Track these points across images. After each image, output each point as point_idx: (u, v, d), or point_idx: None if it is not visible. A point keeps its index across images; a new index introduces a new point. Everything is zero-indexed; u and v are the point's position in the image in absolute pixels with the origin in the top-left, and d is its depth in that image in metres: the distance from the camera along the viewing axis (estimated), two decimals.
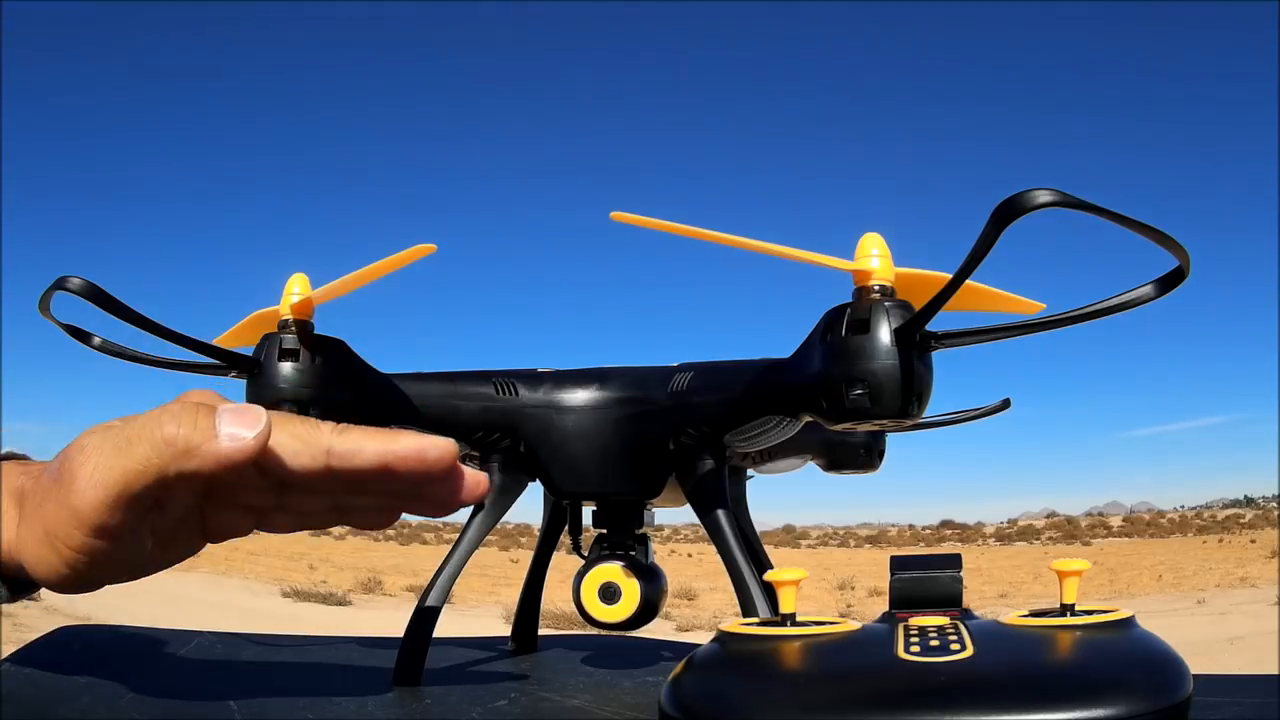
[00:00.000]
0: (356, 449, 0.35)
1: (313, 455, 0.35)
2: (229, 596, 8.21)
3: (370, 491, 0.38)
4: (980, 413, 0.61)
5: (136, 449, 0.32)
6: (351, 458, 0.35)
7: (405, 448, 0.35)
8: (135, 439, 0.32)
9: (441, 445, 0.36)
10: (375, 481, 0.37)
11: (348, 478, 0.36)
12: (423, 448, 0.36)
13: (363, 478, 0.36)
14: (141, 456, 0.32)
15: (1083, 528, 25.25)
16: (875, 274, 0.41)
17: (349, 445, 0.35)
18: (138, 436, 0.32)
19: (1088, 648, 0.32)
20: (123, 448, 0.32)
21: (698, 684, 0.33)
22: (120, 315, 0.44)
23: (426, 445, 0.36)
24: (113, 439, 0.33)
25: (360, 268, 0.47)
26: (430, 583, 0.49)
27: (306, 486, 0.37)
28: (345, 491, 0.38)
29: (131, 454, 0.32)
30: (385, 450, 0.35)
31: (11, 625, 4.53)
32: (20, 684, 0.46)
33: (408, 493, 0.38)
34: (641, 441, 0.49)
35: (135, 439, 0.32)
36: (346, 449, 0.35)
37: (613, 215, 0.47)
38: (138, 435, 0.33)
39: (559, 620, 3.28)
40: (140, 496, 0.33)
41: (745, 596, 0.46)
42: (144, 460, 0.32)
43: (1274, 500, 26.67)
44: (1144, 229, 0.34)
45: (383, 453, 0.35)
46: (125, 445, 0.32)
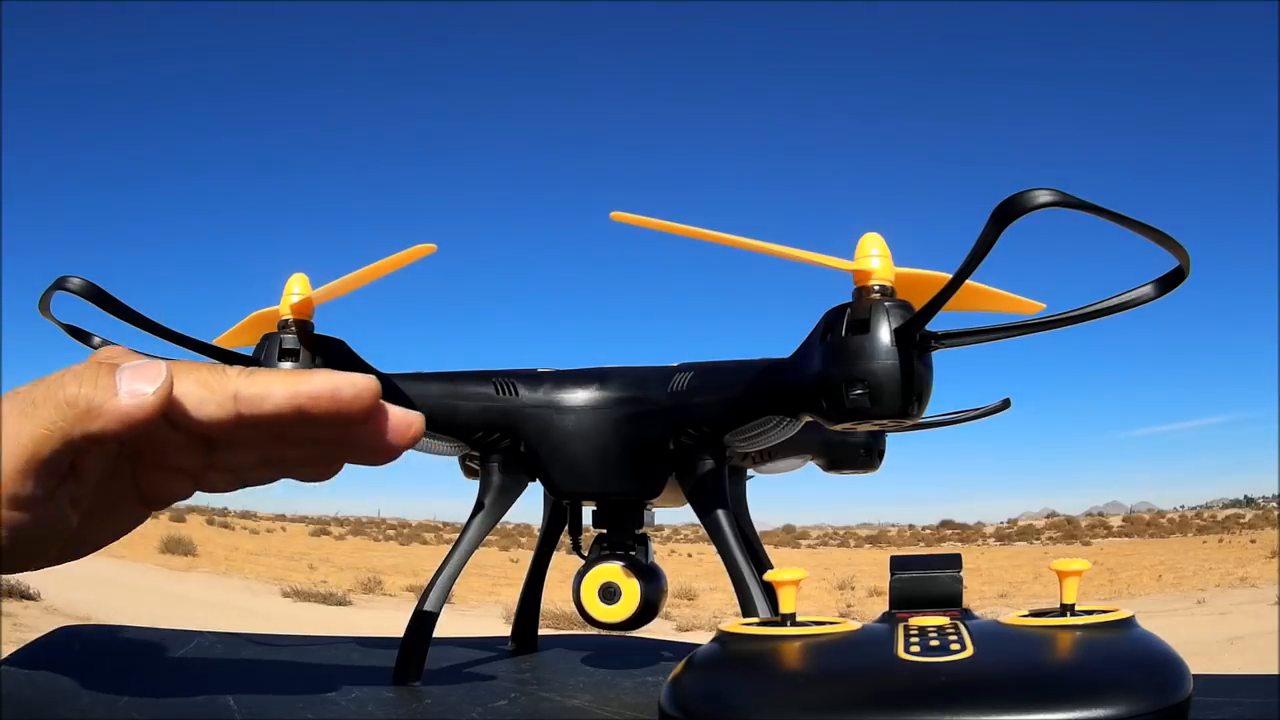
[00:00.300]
0: (264, 392, 0.34)
1: (219, 402, 0.33)
2: (229, 596, 8.21)
3: (295, 440, 0.36)
4: (980, 413, 0.61)
5: (41, 412, 0.31)
6: (260, 402, 0.33)
7: (316, 386, 0.34)
8: (39, 402, 0.31)
9: (357, 382, 0.34)
10: (294, 428, 0.35)
11: (262, 424, 0.34)
12: (336, 386, 0.34)
13: (278, 423, 0.34)
14: (45, 420, 0.31)
15: (1083, 528, 25.25)
16: (875, 274, 0.41)
17: (256, 389, 0.34)
18: (42, 399, 0.31)
19: (1088, 648, 0.32)
20: (28, 411, 0.31)
21: (698, 684, 0.33)
22: (120, 315, 0.44)
23: (340, 383, 0.34)
24: (18, 404, 0.31)
25: (360, 268, 0.47)
26: (430, 583, 0.49)
27: (227, 439, 0.36)
28: (271, 442, 0.36)
29: (36, 418, 0.31)
30: (294, 391, 0.34)
31: (11, 625, 4.53)
32: (20, 684, 0.46)
33: (333, 438, 0.36)
34: (641, 441, 0.49)
35: (39, 402, 0.31)
36: (253, 392, 0.33)
37: (613, 215, 0.47)
38: (42, 398, 0.31)
39: (559, 620, 3.28)
40: (49, 462, 0.31)
41: (745, 596, 0.46)
42: (48, 424, 0.31)
43: (1274, 500, 26.68)
44: (1144, 229, 0.34)
45: (292, 394, 0.34)
46: (30, 409, 0.31)
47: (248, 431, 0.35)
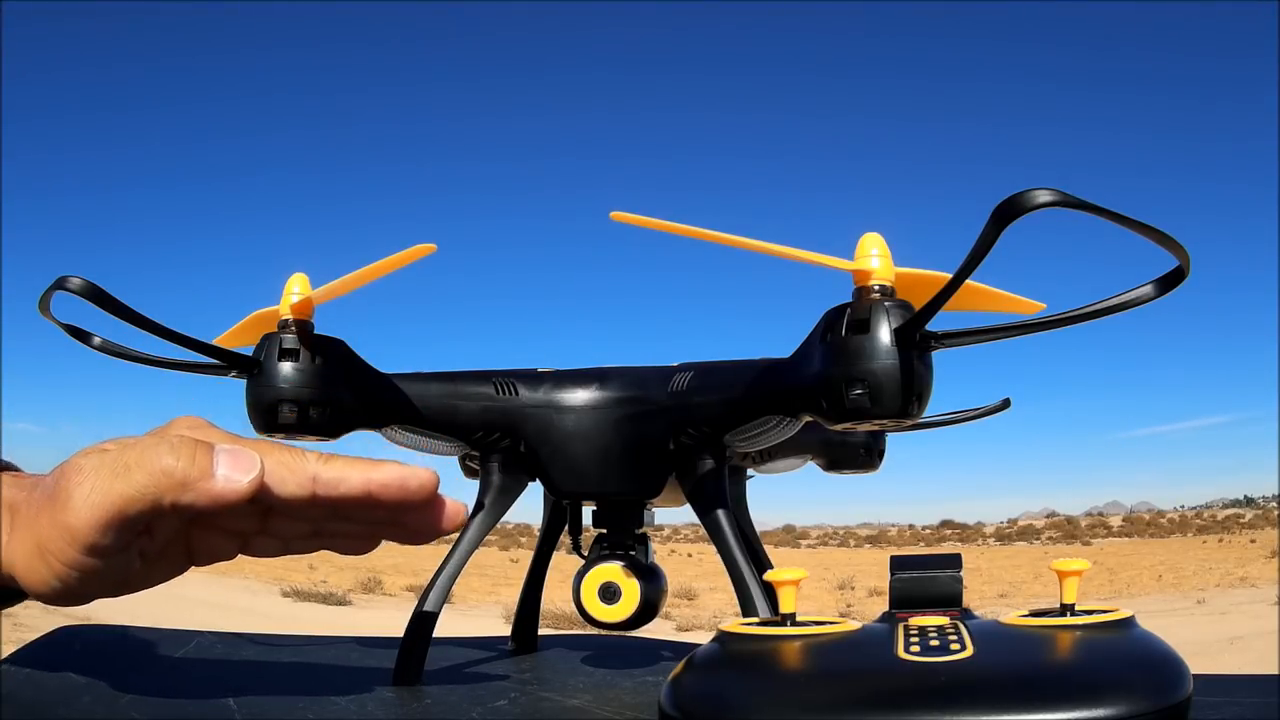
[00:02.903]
0: (341, 477, 0.37)
1: (299, 483, 0.36)
2: (229, 596, 8.21)
3: (353, 518, 0.39)
4: (980, 413, 0.61)
5: (134, 476, 0.34)
6: (336, 485, 0.37)
7: (388, 476, 0.37)
8: (134, 466, 0.34)
9: (422, 476, 0.37)
10: (358, 509, 0.38)
11: (332, 505, 0.37)
12: (404, 477, 0.37)
13: (346, 505, 0.37)
14: (138, 484, 0.34)
15: (1083, 528, 25.25)
16: (875, 274, 0.41)
17: (334, 474, 0.37)
18: (136, 464, 0.34)
19: (1088, 648, 0.32)
20: (120, 473, 0.34)
21: (698, 684, 0.33)
22: (120, 315, 0.44)
23: (407, 475, 0.37)
24: (110, 463, 0.34)
25: (360, 268, 0.47)
26: (430, 583, 0.49)
27: (292, 513, 0.38)
28: (328, 518, 0.39)
29: (129, 480, 0.33)
30: (368, 479, 0.37)
31: (11, 625, 4.51)
32: (20, 684, 0.46)
33: (389, 520, 0.39)
34: (641, 441, 0.49)
35: (134, 466, 0.34)
36: (331, 477, 0.37)
37: (613, 215, 0.47)
38: (136, 463, 0.34)
39: (559, 620, 3.28)
40: (133, 520, 0.34)
41: (745, 596, 0.46)
42: (140, 488, 0.33)
43: (1274, 500, 26.67)
44: (1144, 229, 0.34)
45: (366, 481, 0.37)
46: (123, 471, 0.34)
47: (314, 508, 0.38)
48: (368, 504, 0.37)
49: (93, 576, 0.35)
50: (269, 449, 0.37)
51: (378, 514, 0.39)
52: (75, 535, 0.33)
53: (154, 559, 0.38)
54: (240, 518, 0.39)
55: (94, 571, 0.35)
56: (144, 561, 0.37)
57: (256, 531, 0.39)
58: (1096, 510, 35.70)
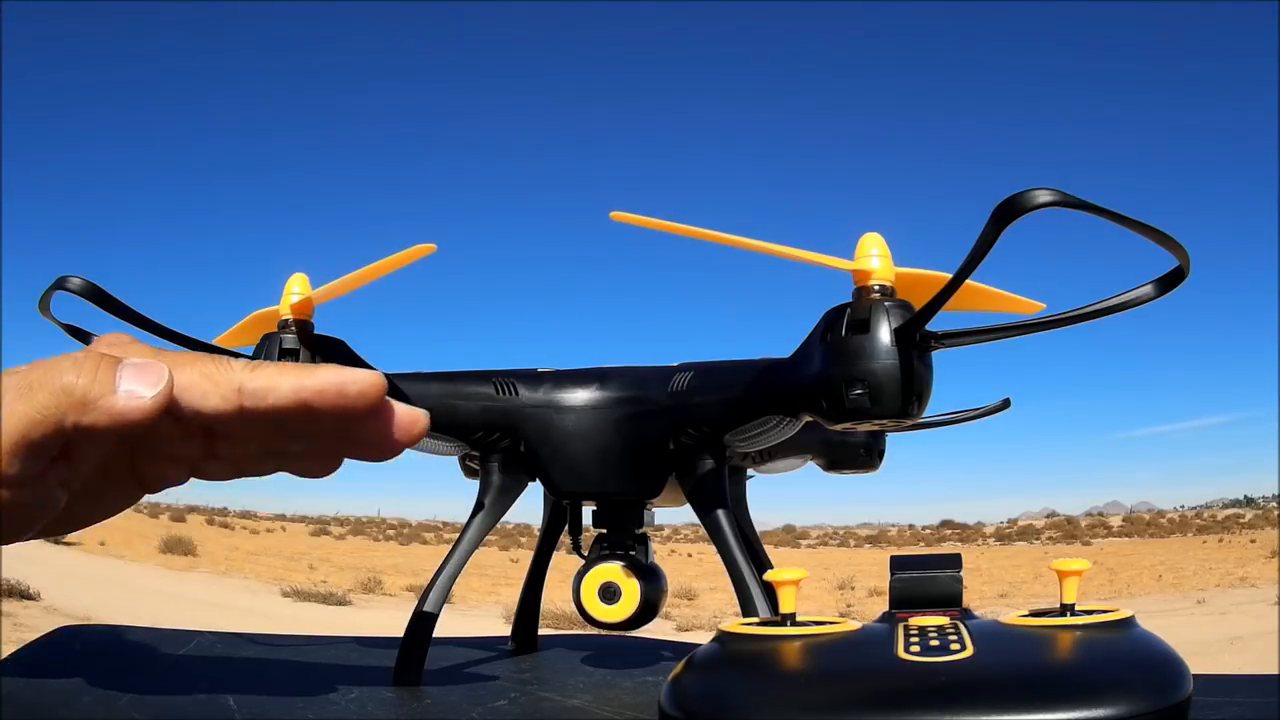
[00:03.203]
0: (270, 386, 0.33)
1: (223, 395, 0.33)
2: (229, 596, 8.21)
3: (298, 434, 0.36)
4: (980, 413, 0.61)
5: (36, 395, 0.31)
6: (265, 395, 0.33)
7: (322, 382, 0.33)
8: (35, 385, 0.31)
9: (363, 378, 0.34)
10: (298, 422, 0.35)
11: (265, 418, 0.34)
12: (342, 382, 0.33)
13: (281, 417, 0.34)
14: (39, 404, 0.31)
15: (1083, 528, 25.25)
16: (875, 274, 0.41)
17: (261, 382, 0.33)
18: (39, 383, 0.31)
19: (1088, 648, 0.32)
20: (23, 393, 0.31)
21: (698, 684, 0.33)
22: (120, 315, 0.44)
23: (346, 379, 0.34)
24: (17, 384, 0.31)
25: (360, 268, 0.47)
26: (430, 583, 0.49)
27: (228, 431, 0.35)
28: (273, 435, 0.36)
29: (30, 400, 0.31)
30: (300, 385, 0.33)
31: (11, 625, 4.53)
32: (20, 684, 0.46)
33: (338, 433, 0.36)
34: (641, 441, 0.49)
35: (35, 385, 0.31)
36: (258, 386, 0.33)
37: (612, 215, 0.47)
38: (39, 382, 0.31)
39: (559, 620, 3.28)
40: (38, 445, 0.31)
41: (745, 596, 0.46)
42: (41, 408, 0.31)
43: (1274, 500, 26.67)
44: (1144, 229, 0.34)
45: (298, 388, 0.33)
46: (26, 390, 0.31)
47: (250, 424, 0.34)
48: (306, 415, 0.34)
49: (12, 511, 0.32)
50: (189, 359, 0.33)
51: (323, 427, 0.35)
52: None
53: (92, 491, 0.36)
54: (178, 441, 0.36)
55: (11, 505, 0.32)
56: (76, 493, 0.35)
57: (202, 456, 0.36)
58: (1096, 510, 35.72)
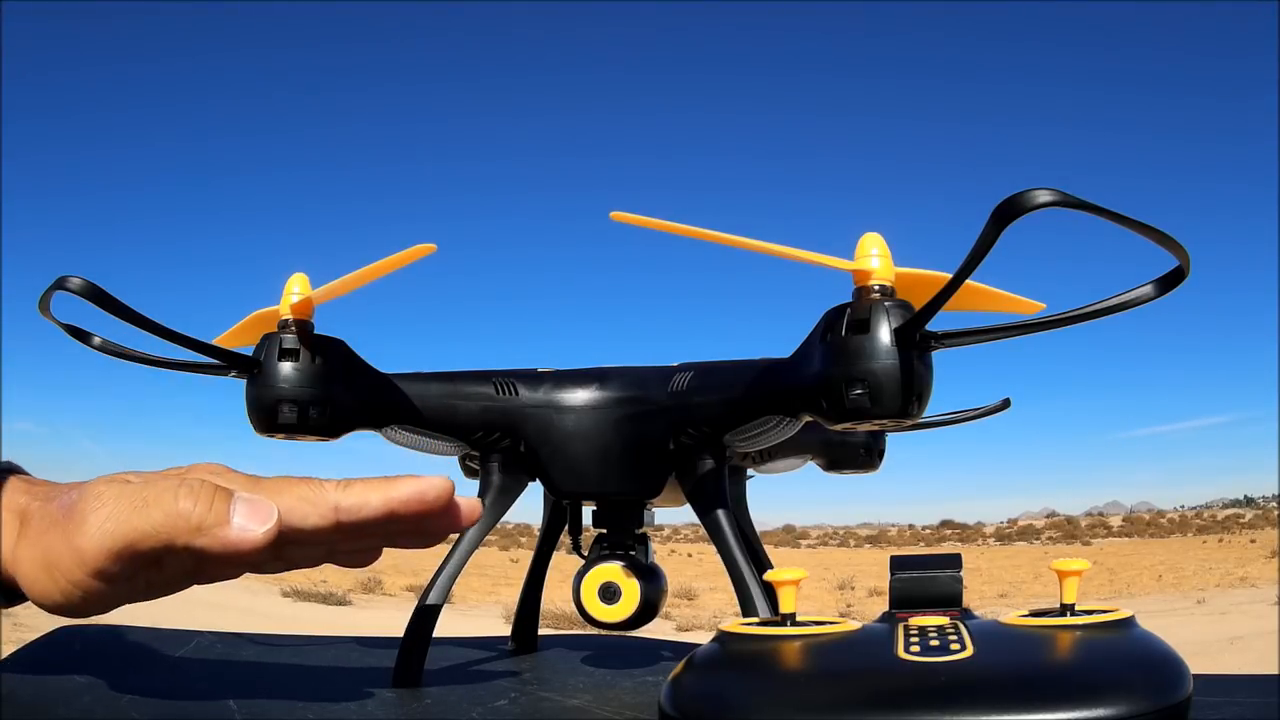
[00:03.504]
0: (362, 502, 0.37)
1: (321, 514, 0.36)
2: (229, 596, 8.20)
3: (369, 535, 0.39)
4: (980, 413, 0.61)
5: (151, 513, 0.34)
6: (358, 510, 0.37)
7: (408, 493, 0.37)
8: (152, 503, 0.34)
9: (439, 485, 0.38)
10: (378, 527, 0.38)
11: (354, 530, 0.37)
12: (422, 490, 0.37)
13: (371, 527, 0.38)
14: (154, 521, 0.34)
15: (1083, 528, 25.25)
16: (875, 274, 0.41)
17: (355, 499, 0.37)
18: (154, 501, 0.34)
19: (1088, 648, 0.32)
20: (138, 507, 0.34)
21: (698, 684, 0.33)
22: (120, 315, 0.44)
23: (425, 487, 0.37)
24: (130, 496, 0.35)
25: (360, 268, 0.47)
26: (430, 583, 0.49)
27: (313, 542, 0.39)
28: (344, 540, 0.39)
29: (145, 516, 0.34)
30: (388, 498, 0.37)
31: (11, 625, 4.51)
32: (20, 684, 0.46)
33: (406, 530, 0.39)
34: (641, 441, 0.49)
35: (152, 503, 0.34)
36: (353, 503, 0.37)
37: (612, 215, 0.47)
38: (154, 500, 0.34)
39: (559, 620, 3.28)
40: (143, 555, 0.35)
41: (745, 596, 0.46)
42: (155, 526, 0.34)
43: (1274, 500, 26.67)
44: (1144, 229, 0.34)
45: (386, 500, 0.37)
46: (141, 506, 0.34)
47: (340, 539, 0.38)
48: (388, 521, 0.38)
49: (95, 597, 0.35)
50: (288, 486, 0.37)
51: (396, 529, 0.39)
52: (84, 559, 0.34)
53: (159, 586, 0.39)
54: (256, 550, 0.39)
55: (97, 593, 0.35)
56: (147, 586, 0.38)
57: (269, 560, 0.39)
58: (1096, 510, 35.71)
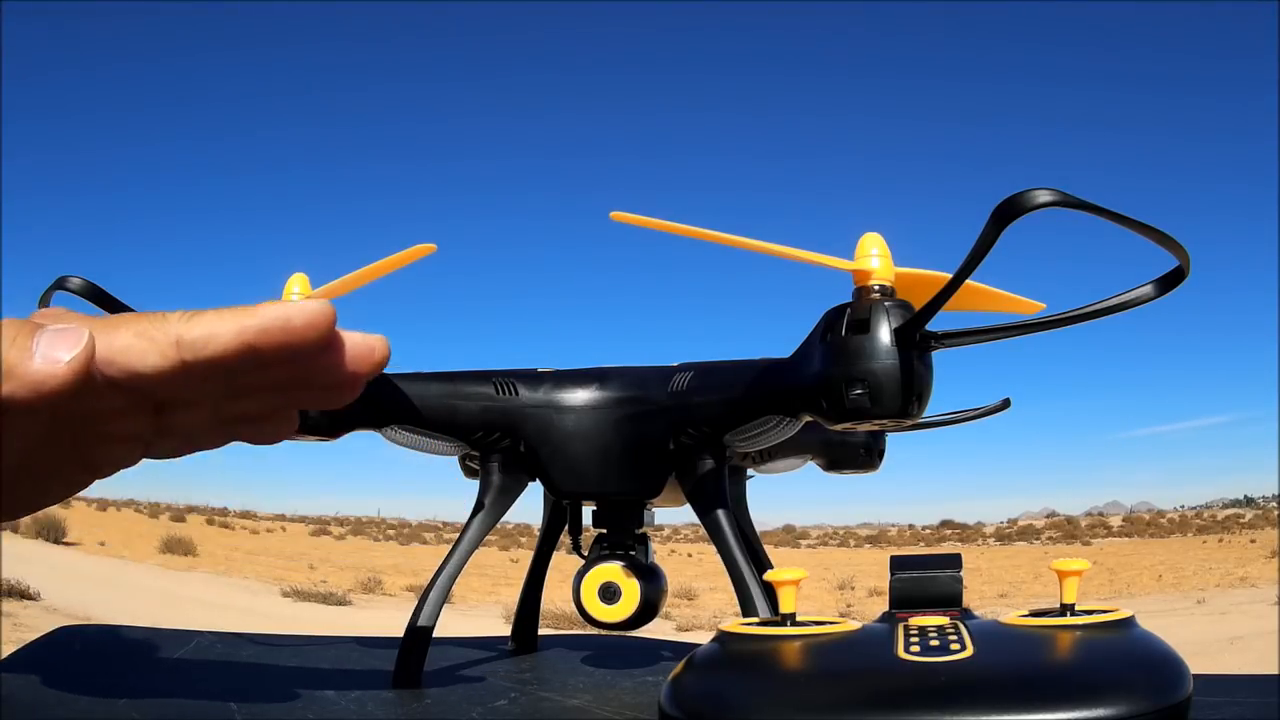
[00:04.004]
0: (209, 332, 0.31)
1: (161, 351, 0.31)
2: (229, 596, 8.21)
3: (248, 389, 0.34)
4: (980, 413, 0.61)
5: None
6: (206, 343, 0.31)
7: (265, 319, 0.31)
8: None
9: (308, 307, 0.31)
10: (246, 372, 0.32)
11: (210, 371, 0.31)
12: (286, 315, 0.31)
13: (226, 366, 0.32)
14: None
15: (1083, 528, 25.26)
16: (875, 274, 0.41)
17: (200, 330, 0.31)
18: None
19: (1088, 648, 0.32)
20: None
21: (698, 684, 0.33)
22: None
23: (291, 311, 0.31)
24: None
25: (360, 268, 0.47)
26: (430, 583, 0.49)
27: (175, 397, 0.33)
28: (223, 396, 0.34)
29: None
30: (242, 327, 0.31)
31: (11, 625, 4.53)
32: (20, 684, 0.46)
33: (290, 380, 0.34)
34: (641, 441, 0.49)
35: None
36: (197, 335, 0.31)
37: (612, 215, 0.47)
38: None
39: (559, 620, 3.29)
40: None
41: (745, 596, 0.46)
42: None
43: (1274, 500, 26.68)
44: (1144, 229, 0.34)
45: (240, 329, 0.31)
46: None
47: (196, 383, 0.32)
48: (253, 361, 0.31)
49: None
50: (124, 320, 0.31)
51: (273, 374, 0.33)
52: None
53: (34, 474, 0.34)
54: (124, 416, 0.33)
55: None
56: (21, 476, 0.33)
57: (152, 431, 0.34)
58: (1096, 510, 35.72)
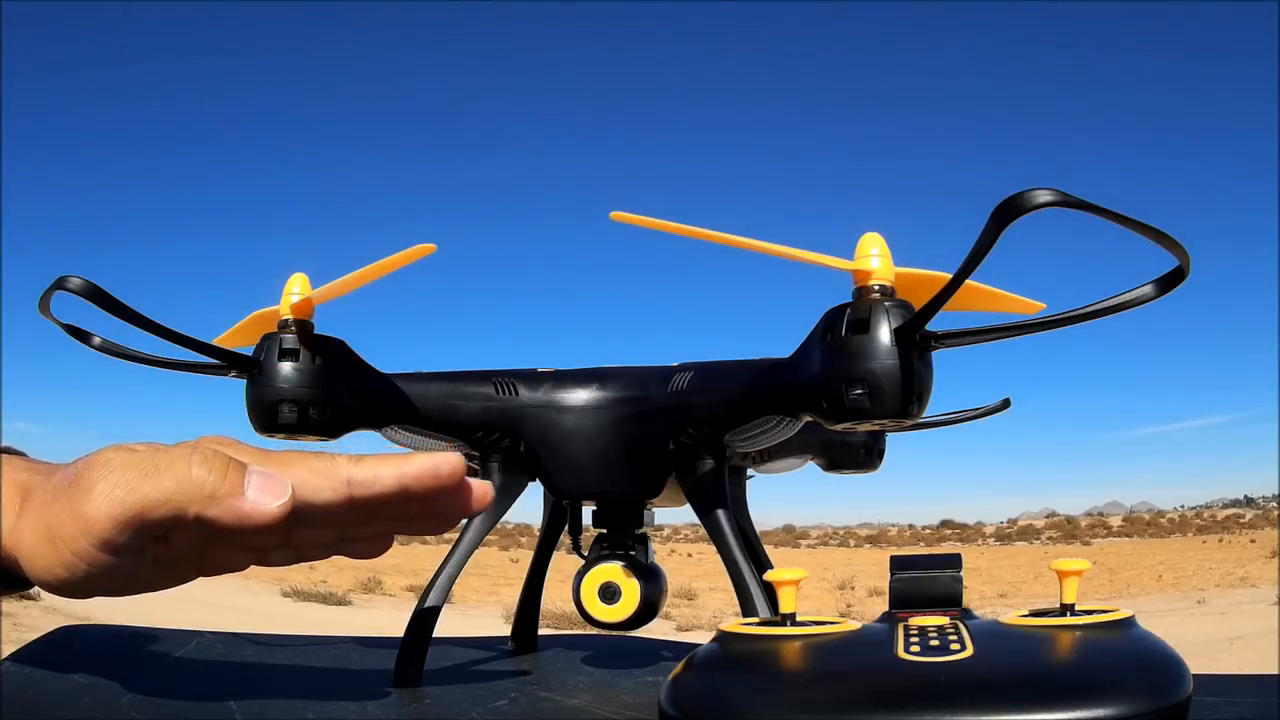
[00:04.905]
0: (375, 477, 0.36)
1: (334, 488, 0.36)
2: (228, 596, 8.20)
3: (381, 516, 0.39)
4: (980, 413, 0.61)
5: (163, 480, 0.33)
6: (371, 485, 0.36)
7: (420, 468, 0.36)
8: (164, 470, 0.34)
9: (452, 461, 0.37)
10: (389, 505, 0.37)
11: (366, 507, 0.37)
12: (435, 465, 0.36)
13: (380, 504, 0.37)
14: (166, 489, 0.33)
15: (1083, 528, 25.26)
16: (875, 274, 0.41)
17: (367, 474, 0.36)
18: (166, 468, 0.34)
19: (1088, 648, 0.32)
20: (149, 474, 0.33)
21: (698, 684, 0.33)
22: (120, 315, 0.44)
23: (439, 462, 0.36)
24: (139, 463, 0.34)
25: (360, 268, 0.47)
26: (430, 583, 0.49)
27: (324, 521, 0.38)
28: (355, 521, 0.38)
29: (157, 483, 0.33)
30: (401, 473, 0.36)
31: (11, 625, 4.53)
32: (20, 684, 0.46)
33: (418, 512, 0.39)
34: (641, 441, 0.49)
35: (164, 470, 0.34)
36: (365, 478, 0.36)
37: (612, 215, 0.47)
38: (167, 467, 0.34)
39: (559, 620, 3.28)
40: (154, 524, 0.34)
41: (745, 596, 0.46)
42: (167, 493, 0.33)
43: (1274, 500, 26.68)
44: (1144, 229, 0.34)
45: (400, 475, 0.36)
46: (152, 472, 0.33)
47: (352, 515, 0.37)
48: (401, 499, 0.37)
49: (100, 572, 0.34)
50: (299, 460, 0.36)
51: (409, 508, 0.38)
52: (91, 527, 0.33)
53: (165, 565, 0.38)
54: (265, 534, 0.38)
55: (103, 567, 0.34)
56: (154, 565, 0.37)
57: (276, 546, 0.39)
58: (1096, 510, 35.72)
